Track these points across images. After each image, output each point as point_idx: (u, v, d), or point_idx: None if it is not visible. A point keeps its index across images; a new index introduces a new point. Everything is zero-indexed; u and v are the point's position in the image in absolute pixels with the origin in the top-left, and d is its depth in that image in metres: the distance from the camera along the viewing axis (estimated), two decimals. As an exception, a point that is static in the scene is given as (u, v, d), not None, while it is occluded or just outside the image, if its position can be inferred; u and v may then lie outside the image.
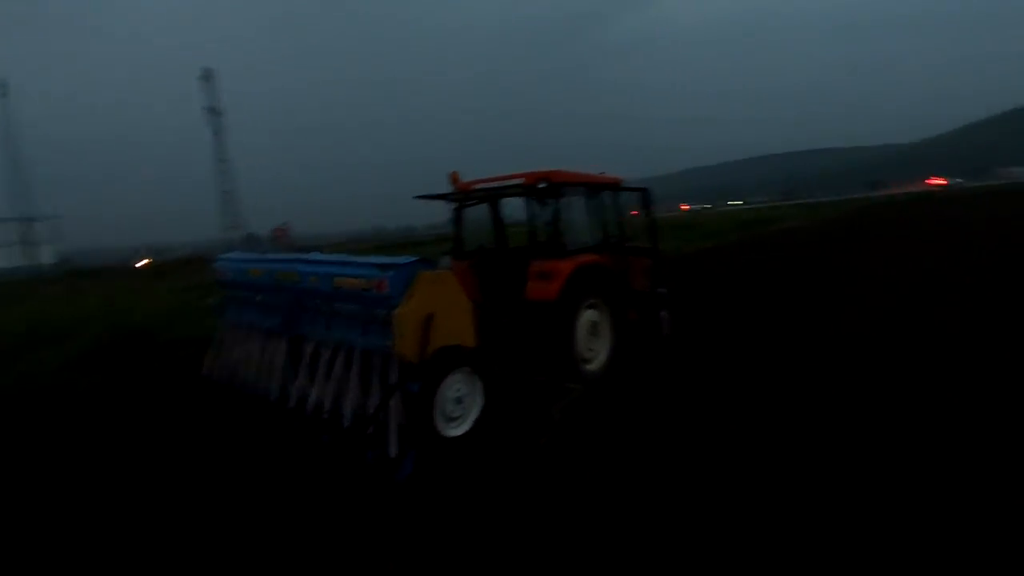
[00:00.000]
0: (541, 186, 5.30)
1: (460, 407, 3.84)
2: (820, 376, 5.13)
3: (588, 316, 5.51)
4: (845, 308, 7.93)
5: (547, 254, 5.41)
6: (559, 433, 4.16)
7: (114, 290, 18.23)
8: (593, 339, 5.59)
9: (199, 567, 2.85)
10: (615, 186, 6.34)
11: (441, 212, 6.57)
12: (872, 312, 7.52)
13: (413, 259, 3.57)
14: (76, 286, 21.86)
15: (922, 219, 24.75)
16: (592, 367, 5.54)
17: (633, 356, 6.08)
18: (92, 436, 4.74)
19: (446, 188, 6.20)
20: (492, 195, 6.15)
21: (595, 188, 6.05)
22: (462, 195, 6.10)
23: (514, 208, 6.99)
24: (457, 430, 3.84)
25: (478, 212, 6.62)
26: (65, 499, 3.67)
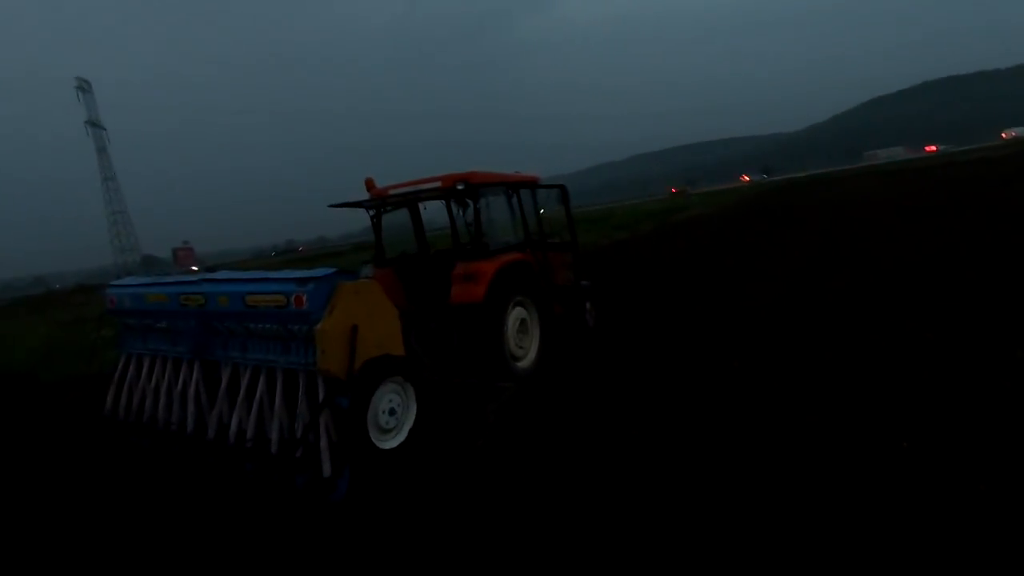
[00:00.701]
0: (459, 187, 5.26)
1: (393, 418, 3.72)
2: (734, 346, 5.49)
3: (516, 314, 5.54)
4: (750, 282, 8.53)
5: (470, 256, 5.39)
6: (495, 434, 4.15)
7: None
8: (522, 336, 5.63)
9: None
10: (532, 184, 6.43)
11: (356, 221, 6.40)
12: (772, 283, 8.13)
13: (332, 270, 3.41)
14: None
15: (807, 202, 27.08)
16: (523, 364, 5.58)
17: (561, 350, 6.20)
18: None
19: (360, 196, 6.01)
20: (409, 199, 6.04)
21: (513, 187, 6.10)
22: (379, 201, 5.94)
23: (433, 211, 6.92)
24: (392, 442, 3.71)
25: (397, 217, 6.48)
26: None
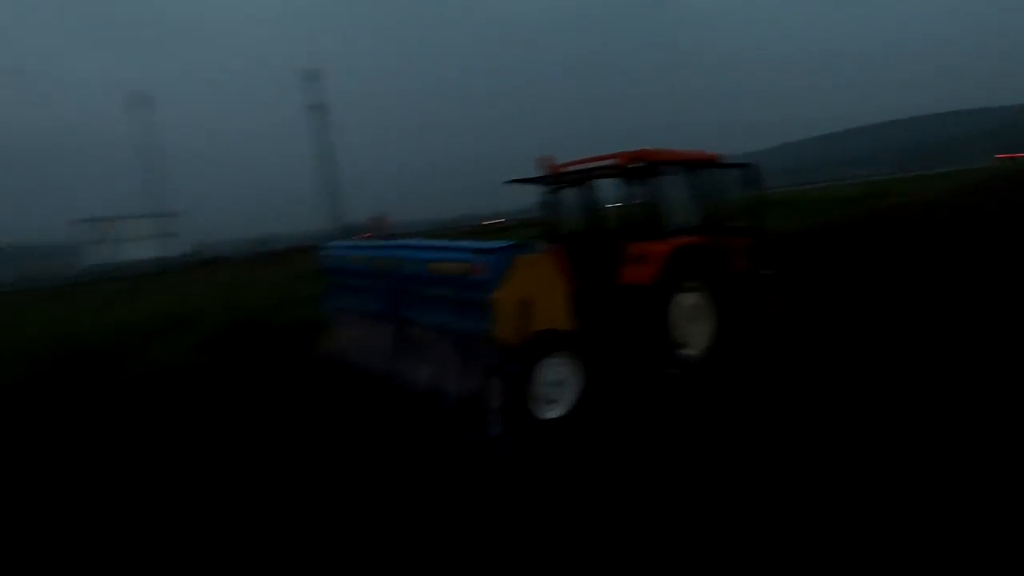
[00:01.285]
0: (636, 165, 5.11)
1: (558, 390, 3.83)
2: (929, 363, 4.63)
3: (687, 299, 5.27)
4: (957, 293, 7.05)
5: (643, 236, 5.23)
6: (654, 416, 4.03)
7: (232, 279, 20.10)
8: (693, 323, 5.35)
9: (304, 525, 3.04)
10: (715, 163, 5.99)
11: (530, 197, 6.54)
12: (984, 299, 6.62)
13: (510, 243, 3.56)
14: (200, 275, 24.32)
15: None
16: (691, 352, 5.31)
17: (737, 340, 5.77)
18: (220, 412, 5.23)
19: (537, 173, 6.15)
20: (584, 177, 6.02)
21: (693, 166, 5.75)
22: (554, 178, 6.03)
23: (608, 190, 6.82)
24: (555, 412, 3.83)
25: (571, 195, 6.52)
26: (194, 463, 4.07)
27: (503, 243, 3.58)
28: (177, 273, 29.85)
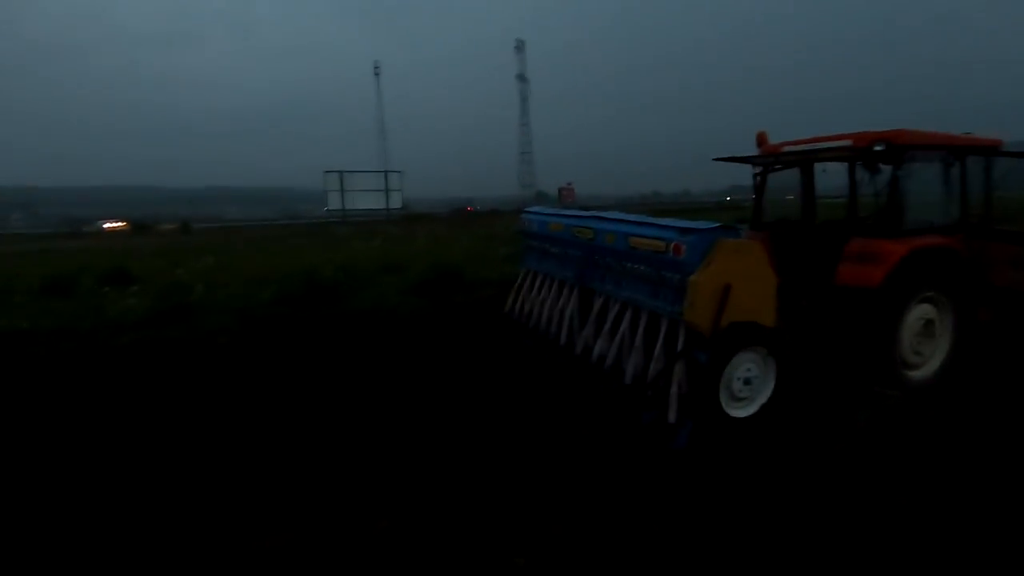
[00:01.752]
0: (876, 148, 4.40)
1: (748, 388, 3.57)
2: None
3: (920, 311, 4.49)
4: None
5: (873, 231, 4.53)
6: (861, 443, 3.55)
7: (436, 234, 22.36)
8: (924, 340, 4.55)
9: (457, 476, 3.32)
10: (990, 150, 4.88)
11: (721, 178, 6.07)
12: None
13: (715, 225, 3.36)
14: (410, 228, 27.46)
15: None
16: (918, 374, 4.54)
17: (978, 366, 4.77)
18: (419, 347, 5.95)
19: (742, 151, 5.67)
20: (807, 158, 5.38)
21: (957, 152, 4.76)
22: (770, 158, 5.49)
23: (827, 177, 6.02)
24: (741, 411, 3.59)
25: (785, 179, 5.90)
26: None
27: (708, 224, 3.39)
28: (393, 224, 34.07)
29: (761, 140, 5.67)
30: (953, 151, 4.74)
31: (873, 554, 2.54)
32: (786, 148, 5.30)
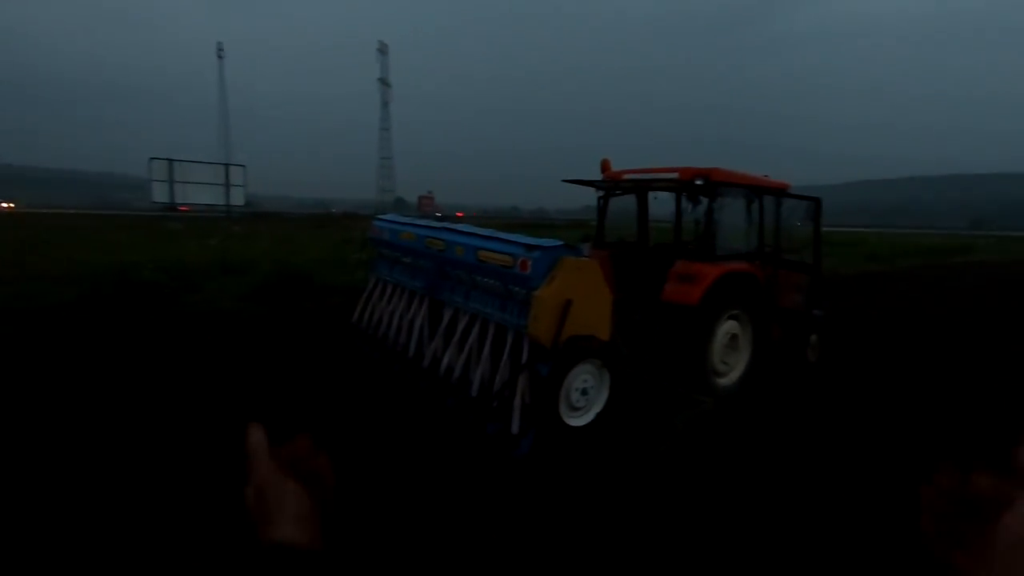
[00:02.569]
0: (697, 183, 5.00)
1: (584, 398, 3.79)
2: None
3: (728, 327, 5.16)
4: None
5: (693, 256, 5.13)
6: (680, 444, 3.97)
7: (284, 235, 20.80)
8: (730, 352, 5.23)
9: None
10: (780, 192, 5.80)
11: (575, 198, 6.55)
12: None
13: (558, 243, 3.54)
14: (255, 228, 25.23)
15: None
16: (724, 381, 5.19)
17: (771, 377, 5.61)
18: (251, 357, 5.44)
19: (587, 175, 6.11)
20: (642, 187, 5.94)
21: (757, 192, 5.58)
22: (611, 184, 5.96)
23: (661, 204, 6.72)
24: (579, 420, 3.80)
25: (625, 203, 6.45)
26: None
27: (552, 242, 3.56)
28: (235, 223, 31.06)
29: (605, 167, 6.15)
30: (754, 190, 5.55)
31: (695, 542, 2.83)
32: (625, 176, 5.80)
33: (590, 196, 6.37)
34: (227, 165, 44.88)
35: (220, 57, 70.24)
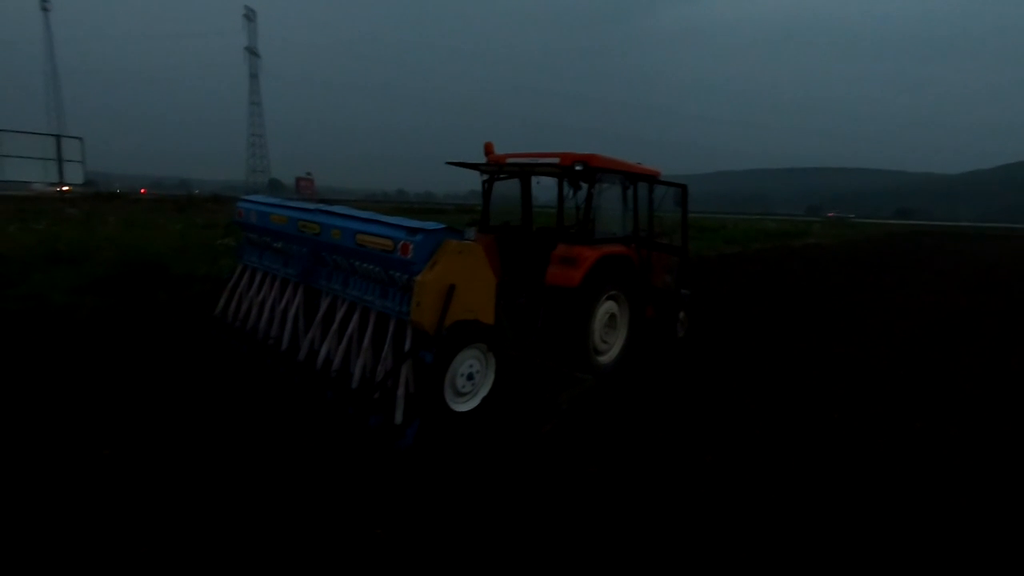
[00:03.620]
0: (577, 168, 5.13)
1: (470, 383, 3.75)
2: (817, 390, 5.04)
3: (607, 307, 5.39)
4: (861, 331, 7.74)
5: (573, 239, 5.28)
6: (564, 422, 4.08)
7: (132, 218, 18.39)
8: (609, 331, 5.48)
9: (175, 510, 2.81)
10: (653, 179, 6.14)
11: (462, 182, 6.47)
12: (887, 341, 7.32)
13: (441, 226, 3.43)
14: (98, 210, 22.08)
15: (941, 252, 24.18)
16: (604, 359, 5.43)
17: (645, 353, 5.99)
18: (90, 365, 4.74)
19: (474, 158, 6.05)
20: (525, 171, 5.99)
21: (632, 178, 5.86)
22: (494, 167, 5.94)
23: (544, 188, 6.85)
24: (465, 406, 3.75)
25: (508, 187, 6.48)
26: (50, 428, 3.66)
27: (434, 225, 3.44)
28: (71, 204, 26.93)
29: (488, 150, 6.11)
30: (629, 176, 5.82)
31: (584, 521, 2.90)
32: (509, 160, 5.81)
33: (476, 181, 6.32)
34: (58, 136, 38.71)
35: (45, 9, 60.05)
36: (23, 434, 3.46)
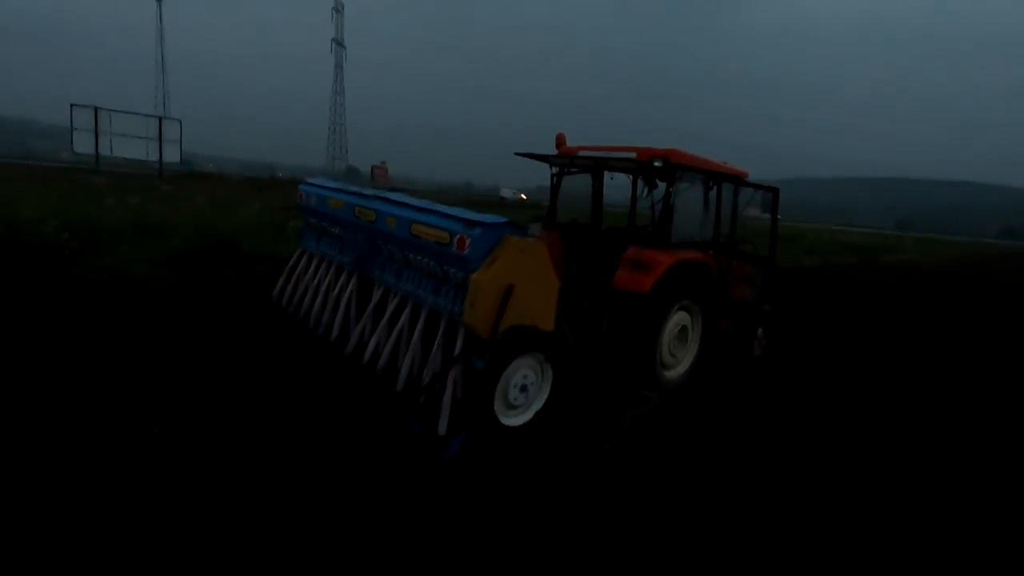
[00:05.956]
0: (656, 164, 4.67)
1: (524, 395, 3.42)
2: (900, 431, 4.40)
3: (678, 318, 4.92)
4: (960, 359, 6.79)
5: (647, 241, 4.83)
6: (626, 442, 3.69)
7: (219, 197, 19.35)
8: (678, 344, 5.00)
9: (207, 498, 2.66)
10: (740, 180, 5.57)
11: (529, 177, 6.09)
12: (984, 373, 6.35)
13: (503, 220, 3.11)
14: (188, 188, 23.47)
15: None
16: (671, 375, 4.97)
17: (718, 372, 5.45)
18: (153, 340, 4.78)
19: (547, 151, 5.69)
20: (598, 165, 5.58)
21: (717, 178, 5.32)
22: (565, 160, 5.57)
23: (616, 188, 6.40)
24: (516, 420, 3.43)
25: (580, 183, 6.08)
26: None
27: (494, 218, 3.12)
28: (167, 182, 28.85)
29: (560, 141, 5.74)
30: (714, 176, 5.28)
31: (640, 544, 2.53)
32: (581, 152, 5.42)
33: (545, 176, 5.97)
34: (160, 118, 41.63)
35: (159, 0, 64.89)
36: (76, 408, 3.45)
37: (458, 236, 3.09)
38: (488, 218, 3.12)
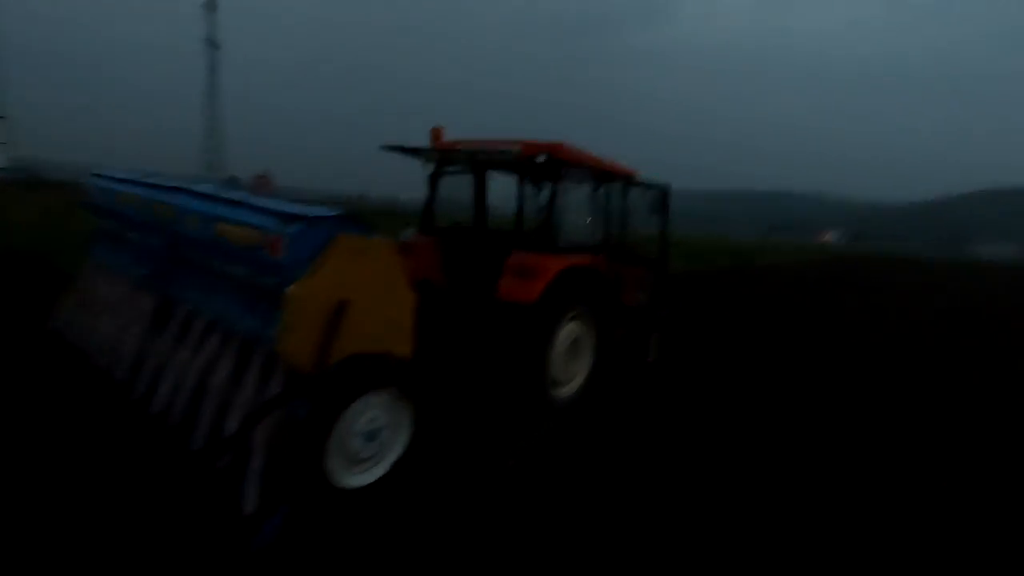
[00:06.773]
0: (540, 159, 4.11)
1: (373, 445, 2.60)
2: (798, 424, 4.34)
3: (569, 329, 4.38)
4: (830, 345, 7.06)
5: (533, 246, 4.25)
6: (514, 489, 3.00)
7: (57, 209, 16.40)
8: (570, 359, 4.45)
9: None
10: (629, 178, 5.17)
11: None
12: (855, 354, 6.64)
13: (333, 213, 2.31)
14: (20, 198, 19.82)
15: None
16: (564, 392, 4.42)
17: (612, 381, 5.01)
18: None
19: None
20: (477, 161, 4.93)
21: (604, 176, 4.88)
22: (440, 154, 4.86)
23: (506, 185, 5.80)
24: (363, 478, 2.59)
25: (460, 182, 5.40)
26: None
27: (323, 211, 2.32)
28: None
29: (436, 135, 5.01)
30: (602, 174, 4.83)
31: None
32: (459, 147, 4.74)
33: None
34: (-17, 116, 35.60)
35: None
36: None
37: (271, 235, 2.24)
38: (314, 211, 2.31)
